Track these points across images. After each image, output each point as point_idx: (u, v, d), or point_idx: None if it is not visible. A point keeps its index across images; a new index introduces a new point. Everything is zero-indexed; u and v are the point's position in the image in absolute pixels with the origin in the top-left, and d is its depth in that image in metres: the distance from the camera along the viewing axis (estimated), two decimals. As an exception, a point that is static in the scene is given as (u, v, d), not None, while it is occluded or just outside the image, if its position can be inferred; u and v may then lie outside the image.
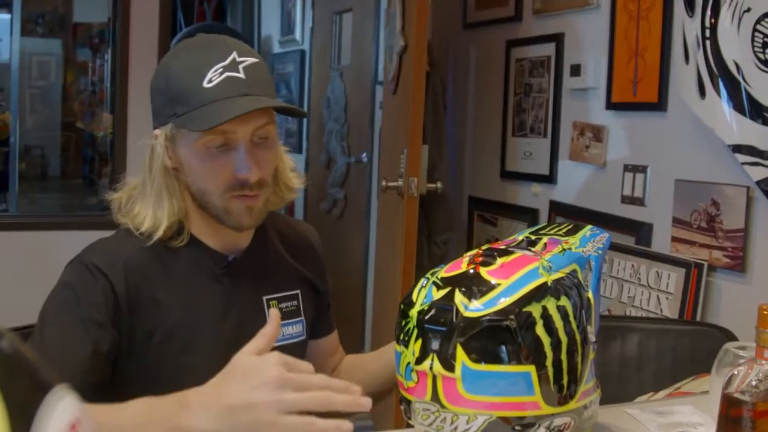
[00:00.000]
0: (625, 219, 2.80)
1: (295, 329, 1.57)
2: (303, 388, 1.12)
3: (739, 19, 2.28)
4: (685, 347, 2.04)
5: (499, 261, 1.24)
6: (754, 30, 2.24)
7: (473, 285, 1.20)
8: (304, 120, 5.69)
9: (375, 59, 4.62)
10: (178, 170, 1.44)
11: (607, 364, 2.02)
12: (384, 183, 3.29)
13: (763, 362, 1.16)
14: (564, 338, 1.20)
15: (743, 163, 2.31)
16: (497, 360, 1.16)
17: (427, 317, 1.19)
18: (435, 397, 1.18)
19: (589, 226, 1.43)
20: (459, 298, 1.19)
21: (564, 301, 1.22)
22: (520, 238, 1.36)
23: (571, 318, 1.22)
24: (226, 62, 1.39)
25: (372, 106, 4.69)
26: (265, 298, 1.53)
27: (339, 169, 5.11)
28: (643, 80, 2.71)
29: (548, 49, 3.22)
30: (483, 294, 1.18)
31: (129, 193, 1.48)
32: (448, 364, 1.16)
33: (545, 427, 1.21)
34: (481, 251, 1.27)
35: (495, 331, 1.16)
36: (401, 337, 1.23)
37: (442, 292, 1.20)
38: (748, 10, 2.25)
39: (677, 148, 2.60)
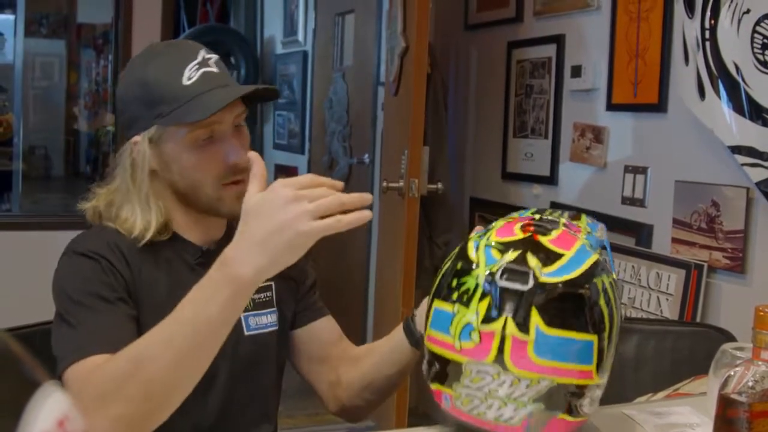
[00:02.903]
0: (625, 220, 2.81)
1: (269, 319, 1.59)
2: (315, 197, 1.21)
3: (739, 21, 2.28)
4: (684, 348, 2.04)
5: (554, 232, 1.25)
6: (754, 31, 2.24)
7: (540, 251, 1.21)
8: (307, 121, 5.70)
9: (377, 60, 4.63)
10: (163, 171, 1.48)
11: (607, 365, 2.02)
12: (385, 184, 3.29)
13: (760, 363, 1.17)
14: (615, 313, 1.24)
15: (743, 164, 2.31)
16: (569, 326, 1.17)
17: (502, 278, 1.18)
18: (499, 359, 1.17)
19: (584, 215, 1.43)
20: (534, 262, 1.19)
21: (612, 278, 1.25)
22: (527, 215, 1.35)
23: (617, 295, 1.26)
24: (198, 59, 1.46)
25: (374, 107, 4.69)
26: None
27: (341, 170, 5.11)
28: (643, 81, 2.71)
29: (549, 51, 3.23)
30: (552, 261, 1.20)
31: (106, 199, 1.52)
32: (524, 327, 1.16)
33: (590, 397, 1.22)
34: (530, 221, 1.28)
35: (571, 298, 1.18)
36: (455, 296, 1.21)
37: (513, 255, 1.20)
38: (748, 11, 2.26)
39: (677, 150, 2.60)
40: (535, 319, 1.16)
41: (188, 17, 6.74)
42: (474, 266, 1.21)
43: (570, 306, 1.18)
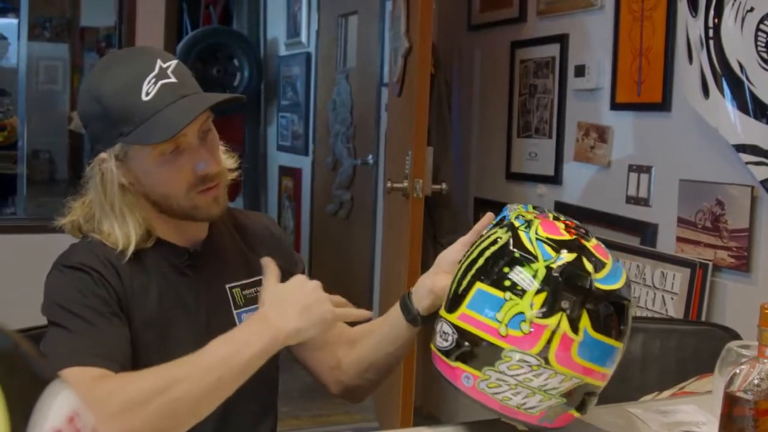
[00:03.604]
0: (630, 219, 2.81)
1: None
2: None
3: (743, 19, 2.28)
4: (689, 347, 2.04)
5: (593, 239, 1.30)
6: (758, 29, 2.24)
7: (591, 257, 1.26)
8: (311, 123, 5.71)
9: (380, 61, 4.63)
10: (134, 185, 1.48)
11: (612, 364, 2.02)
12: (389, 184, 3.29)
13: (765, 361, 1.17)
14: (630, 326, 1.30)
15: (747, 163, 2.31)
16: (609, 333, 1.23)
17: (563, 277, 1.23)
18: (544, 352, 1.21)
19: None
20: (589, 267, 1.24)
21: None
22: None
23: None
24: (156, 71, 1.43)
25: (377, 108, 4.70)
26: (227, 286, 1.57)
27: (345, 171, 5.12)
28: (647, 80, 2.71)
29: (553, 50, 3.23)
30: (600, 268, 1.25)
31: (82, 212, 1.52)
32: (575, 327, 1.21)
33: (596, 398, 1.29)
34: (572, 222, 1.33)
35: (617, 306, 1.24)
36: (507, 284, 1.24)
37: (571, 256, 1.24)
38: (752, 9, 2.26)
39: (682, 148, 2.60)
40: (585, 322, 1.21)
41: (191, 20, 6.75)
42: (533, 258, 1.25)
43: (614, 314, 1.24)
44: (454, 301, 1.31)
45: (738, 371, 1.19)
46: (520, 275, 1.23)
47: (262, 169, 6.80)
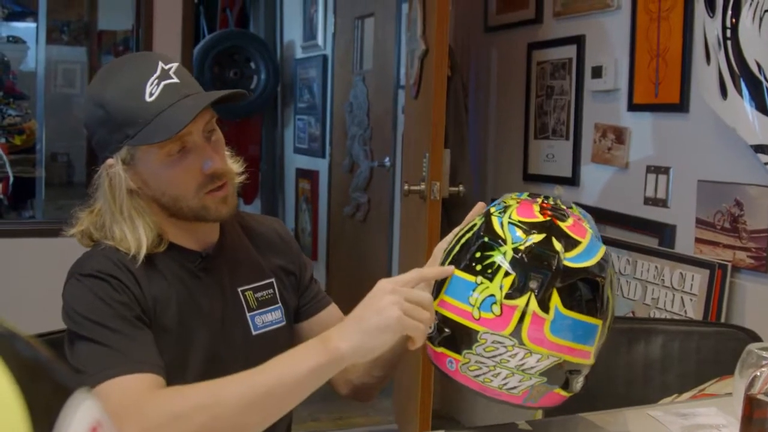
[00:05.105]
0: (648, 220, 2.80)
1: (274, 316, 1.62)
2: (410, 298, 1.30)
3: (761, 19, 2.27)
4: (709, 349, 2.03)
5: (569, 219, 1.32)
6: (776, 30, 2.23)
7: (562, 237, 1.28)
8: (327, 125, 5.72)
9: (397, 64, 4.63)
10: (142, 189, 1.48)
11: (631, 366, 2.01)
12: (406, 187, 3.29)
13: (786, 363, 1.16)
14: (614, 302, 1.32)
15: (766, 163, 2.30)
16: (582, 310, 1.25)
17: (529, 257, 1.26)
18: (516, 332, 1.24)
19: (575, 205, 1.45)
20: (558, 246, 1.26)
21: (614, 271, 1.33)
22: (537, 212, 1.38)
23: (616, 286, 1.35)
24: (158, 72, 1.45)
25: (394, 110, 4.70)
26: (240, 289, 1.58)
27: (362, 173, 5.12)
28: (664, 81, 2.70)
29: (569, 51, 3.22)
30: (572, 247, 1.27)
31: (91, 221, 1.52)
32: (544, 305, 1.23)
33: (583, 376, 1.30)
34: (547, 204, 1.34)
35: (589, 283, 1.26)
36: (479, 268, 1.28)
37: (540, 237, 1.27)
38: (770, 9, 2.25)
39: (700, 149, 2.59)
40: (555, 300, 1.24)
41: (208, 23, 6.78)
42: (501, 242, 1.28)
43: (587, 291, 1.26)
44: (436, 288, 1.36)
45: (759, 374, 1.19)
46: (489, 259, 1.27)
47: (280, 171, 6.82)
